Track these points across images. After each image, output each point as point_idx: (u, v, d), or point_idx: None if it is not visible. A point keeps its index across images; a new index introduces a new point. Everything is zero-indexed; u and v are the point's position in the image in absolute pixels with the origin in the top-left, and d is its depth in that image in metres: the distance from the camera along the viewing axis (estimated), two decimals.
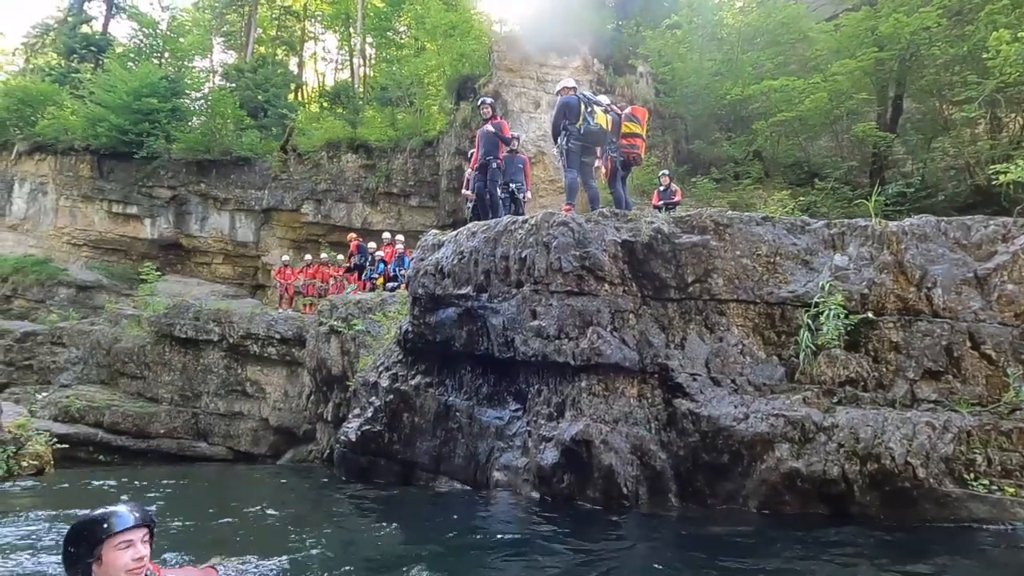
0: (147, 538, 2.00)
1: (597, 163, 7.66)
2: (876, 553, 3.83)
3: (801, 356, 5.36)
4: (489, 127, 8.40)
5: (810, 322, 5.39)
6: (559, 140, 7.18)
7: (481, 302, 6.66)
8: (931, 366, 5.13)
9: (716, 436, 5.10)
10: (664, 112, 16.20)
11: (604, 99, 7.70)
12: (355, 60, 28.31)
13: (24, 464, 8.62)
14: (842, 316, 5.23)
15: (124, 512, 1.98)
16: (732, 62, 15.37)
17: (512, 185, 8.57)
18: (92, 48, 24.31)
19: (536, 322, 5.95)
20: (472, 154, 10.03)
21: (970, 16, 11.50)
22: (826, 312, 5.28)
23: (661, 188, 10.65)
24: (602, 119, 7.13)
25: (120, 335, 15.39)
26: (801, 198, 11.85)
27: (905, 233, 5.61)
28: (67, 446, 11.16)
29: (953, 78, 11.63)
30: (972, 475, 4.50)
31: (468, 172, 9.96)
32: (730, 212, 6.33)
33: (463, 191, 9.76)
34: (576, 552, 4.02)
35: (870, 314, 5.27)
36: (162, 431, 14.12)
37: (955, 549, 3.91)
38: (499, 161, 8.33)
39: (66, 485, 8.20)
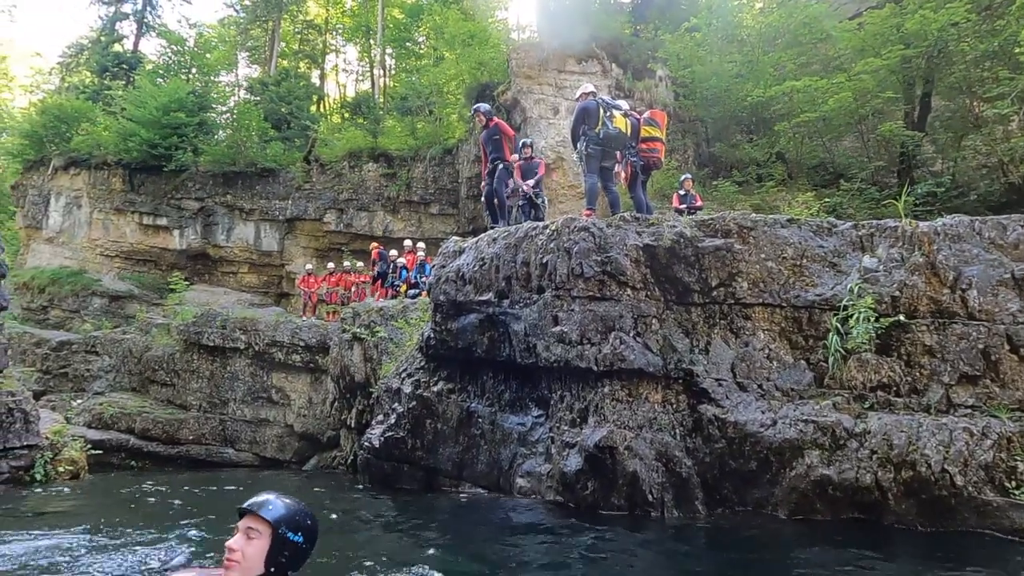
0: None
1: (617, 168, 7.62)
2: (912, 562, 3.72)
3: (830, 360, 5.24)
4: (489, 131, 8.22)
5: (839, 326, 5.27)
6: (578, 145, 7.16)
7: (502, 308, 6.67)
8: (967, 370, 4.97)
9: (743, 442, 5.02)
10: (684, 115, 16.09)
11: (623, 103, 7.67)
12: (375, 71, 28.77)
13: (60, 469, 8.85)
14: (872, 319, 5.11)
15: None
16: (753, 64, 15.20)
17: (529, 190, 8.57)
18: (123, 66, 25.12)
19: (558, 328, 5.94)
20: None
21: (1000, 10, 11.20)
22: (855, 315, 5.17)
23: (682, 192, 10.55)
24: (621, 123, 7.11)
25: (151, 343, 15.78)
26: (826, 200, 11.62)
27: (937, 233, 5.46)
28: (101, 452, 11.45)
29: (984, 74, 11.31)
30: (1014, 483, 4.34)
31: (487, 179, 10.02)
32: (754, 215, 6.24)
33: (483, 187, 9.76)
34: (603, 559, 3.98)
35: (902, 317, 5.14)
36: (191, 437, 14.41)
37: (994, 559, 3.77)
38: (507, 162, 8.16)
39: (100, 490, 8.41)
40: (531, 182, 8.56)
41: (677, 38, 16.18)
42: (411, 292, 12.70)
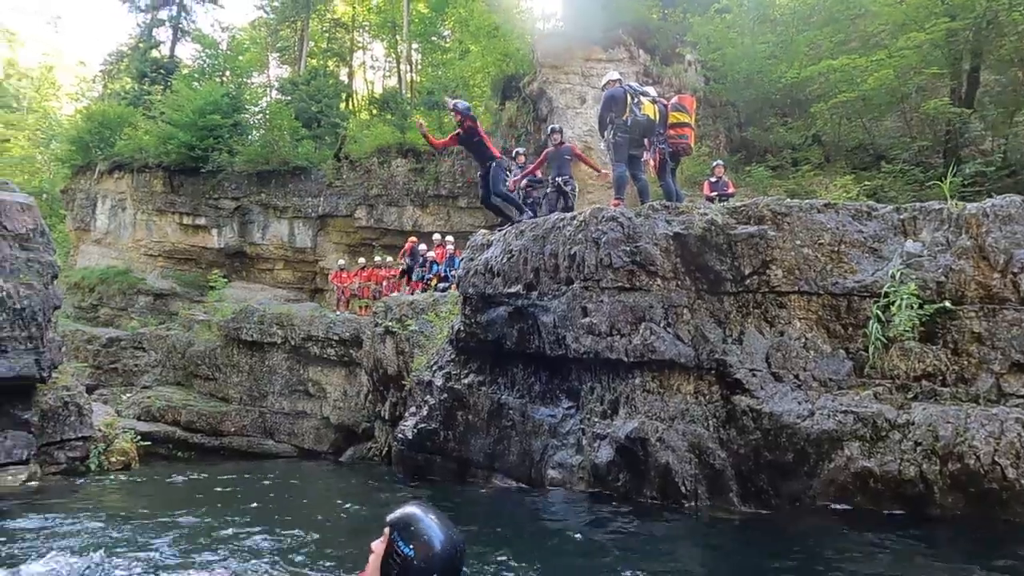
0: None
1: (645, 156, 7.50)
2: (958, 556, 3.58)
3: (871, 349, 5.07)
4: (467, 132, 7.51)
5: (880, 313, 5.09)
6: (606, 134, 7.07)
7: (531, 300, 6.67)
8: (1020, 358, 4.73)
9: (779, 434, 4.90)
10: (715, 100, 15.69)
11: (651, 90, 7.53)
12: (402, 66, 28.95)
13: (113, 460, 9.31)
14: (916, 306, 4.91)
15: None
16: (786, 44, 14.69)
17: (558, 179, 8.45)
18: (161, 71, 25.95)
19: (587, 319, 5.91)
20: (517, 154, 10.10)
21: None
22: (898, 302, 4.97)
23: (713, 179, 10.32)
24: (650, 109, 6.98)
25: (193, 339, 16.38)
26: (866, 183, 11.19)
27: (986, 215, 5.20)
28: (149, 443, 11.97)
29: None
30: None
31: (514, 170, 10.01)
32: (788, 200, 6.06)
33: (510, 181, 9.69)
34: (638, 550, 3.97)
35: (948, 303, 4.92)
36: (233, 429, 14.93)
37: None
38: (498, 159, 7.67)
39: (151, 480, 8.81)
40: (565, 177, 8.45)
41: (706, 20, 15.76)
42: (441, 285, 12.81)
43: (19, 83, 35.20)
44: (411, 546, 1.68)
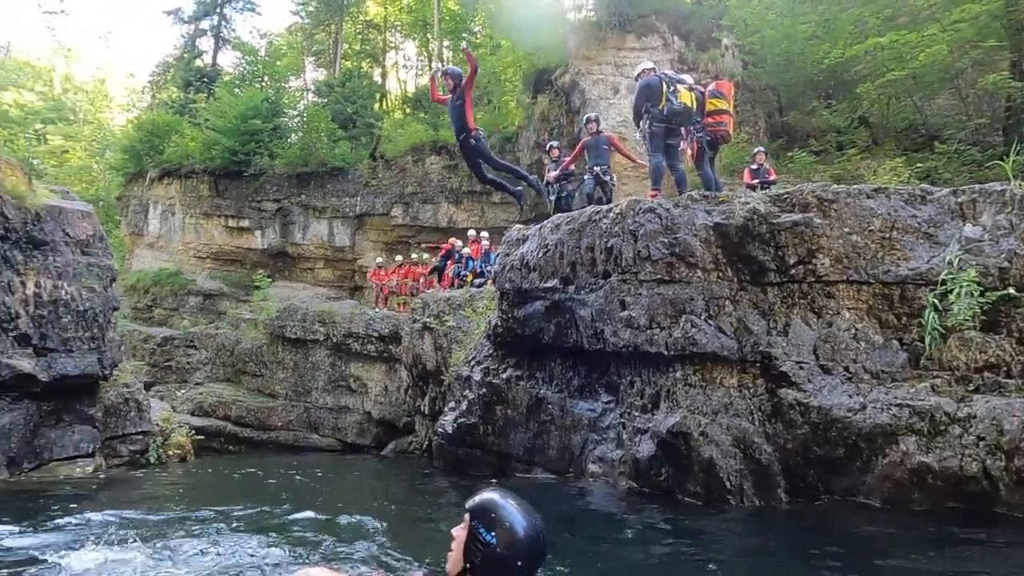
0: None
1: (682, 145, 7.35)
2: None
3: (927, 340, 4.85)
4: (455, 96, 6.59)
5: (937, 302, 4.85)
6: (641, 124, 6.95)
7: (568, 294, 6.65)
8: None
9: (829, 428, 4.75)
10: (753, 85, 15.20)
11: (687, 77, 7.36)
12: (434, 64, 29.14)
13: (170, 453, 9.78)
14: (976, 294, 4.66)
15: None
16: (829, 23, 14.09)
17: (597, 168, 8.34)
18: (204, 79, 26.90)
19: (626, 312, 5.85)
20: (550, 147, 10.02)
21: None
22: (956, 290, 4.73)
23: (754, 166, 10.02)
24: (686, 97, 6.82)
25: (240, 337, 17.01)
26: (918, 165, 10.65)
27: None
28: (203, 437, 12.51)
29: None
30: None
31: (547, 164, 9.97)
32: (835, 186, 5.84)
33: (547, 175, 9.62)
34: (681, 544, 3.92)
35: (1012, 290, 4.65)
36: (279, 424, 15.46)
37: None
38: (477, 130, 6.69)
39: (209, 471, 9.22)
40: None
41: (743, 3, 15.26)
42: (477, 281, 12.89)
43: (75, 97, 37.12)
44: (493, 533, 1.64)
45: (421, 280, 15.93)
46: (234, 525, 4.22)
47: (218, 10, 28.58)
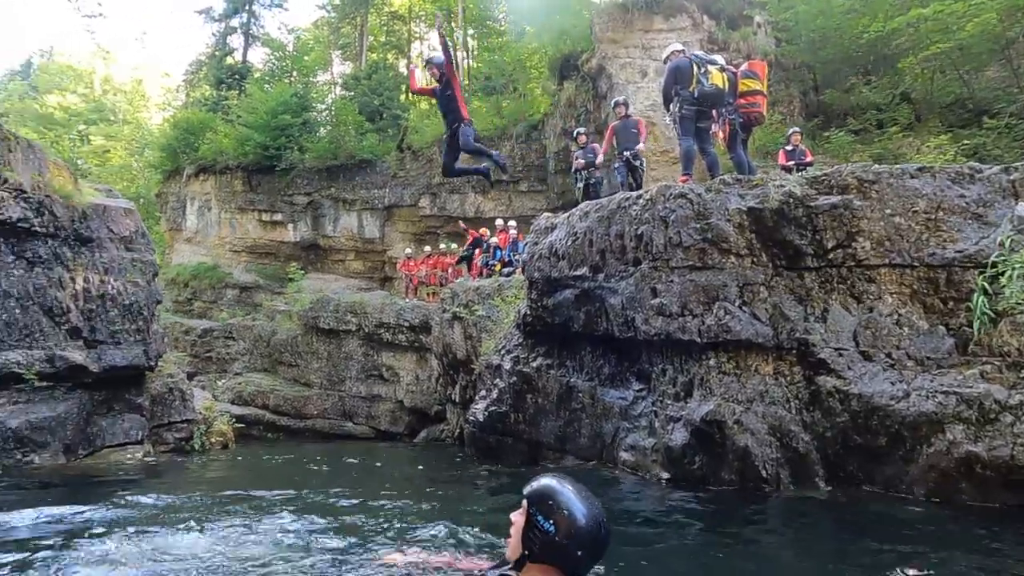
0: None
1: (714, 128, 7.18)
2: None
3: (975, 325, 4.65)
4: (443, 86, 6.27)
5: (986, 285, 4.64)
6: (671, 107, 6.81)
7: (598, 282, 6.60)
8: None
9: (870, 416, 4.62)
10: (787, 63, 14.70)
11: (719, 58, 7.17)
12: (458, 54, 29.06)
13: (213, 440, 10.16)
14: None
15: None
16: None
17: (626, 153, 8.21)
18: (236, 76, 27.46)
19: (657, 300, 5.78)
20: (578, 134, 9.90)
21: None
22: (1008, 272, 4.52)
23: (789, 148, 9.71)
24: (718, 79, 6.65)
25: (276, 329, 17.48)
26: (965, 142, 10.16)
27: None
28: (243, 425, 12.96)
29: None
30: None
31: (575, 151, 9.87)
32: (876, 166, 5.62)
33: (576, 162, 9.51)
34: (718, 533, 3.89)
35: None
36: (315, 412, 15.88)
37: None
38: (466, 120, 6.25)
39: (250, 458, 9.54)
40: (639, 147, 8.16)
41: None
42: (505, 271, 12.92)
43: (115, 98, 38.38)
44: (551, 521, 1.58)
45: (450, 270, 16.05)
46: (284, 509, 4.35)
47: (247, 7, 29.04)
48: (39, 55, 43.36)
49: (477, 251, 14.65)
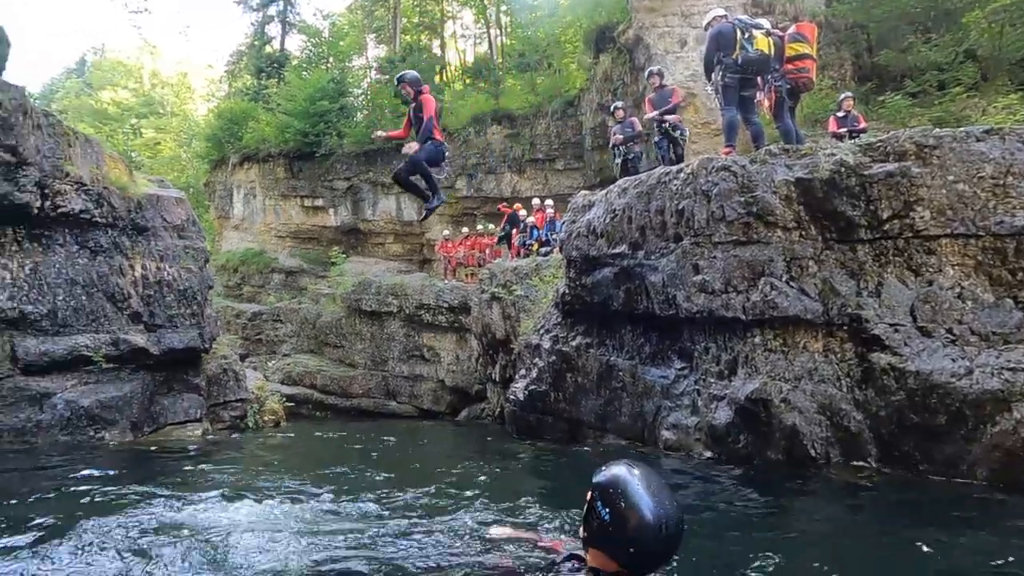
0: None
1: (759, 96, 6.86)
2: None
3: None
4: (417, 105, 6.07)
5: None
6: (713, 76, 6.54)
7: (637, 260, 6.49)
8: None
9: (928, 394, 4.41)
10: (839, 24, 13.87)
11: (764, 21, 6.82)
12: (491, 31, 28.69)
13: (266, 418, 10.62)
14: None
15: None
16: None
17: (664, 124, 7.93)
18: (274, 65, 27.98)
19: (699, 277, 5.64)
20: (615, 108, 9.63)
21: None
22: None
23: (840, 114, 9.21)
24: (764, 44, 6.32)
25: (321, 311, 18.01)
26: None
27: None
28: (292, 404, 13.49)
29: None
30: None
31: (612, 126, 9.65)
32: (937, 130, 5.27)
33: (613, 137, 9.28)
34: (767, 513, 3.82)
35: None
36: (360, 392, 16.37)
37: None
38: (438, 140, 6.03)
39: (301, 435, 9.96)
40: (654, 113, 7.93)
41: None
42: (543, 250, 12.86)
43: (162, 91, 39.80)
44: (607, 510, 1.50)
45: (488, 251, 16.10)
46: (347, 484, 4.53)
47: None
48: (92, 53, 45.31)
49: (515, 229, 14.62)
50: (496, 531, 2.56)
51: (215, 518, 3.33)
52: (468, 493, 4.30)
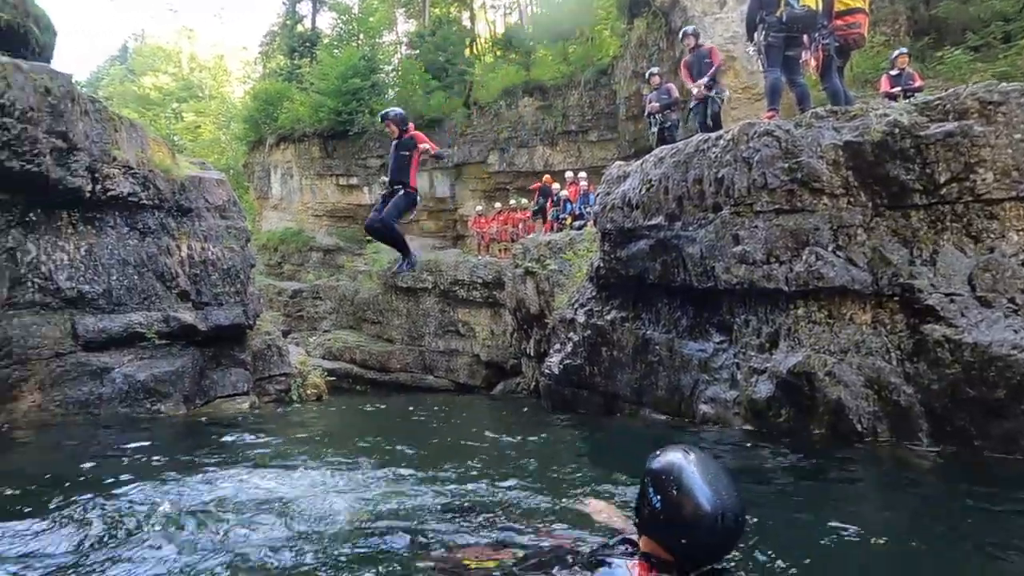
0: None
1: (805, 55, 6.50)
2: None
3: None
4: (401, 143, 5.94)
5: None
6: (755, 35, 6.22)
7: (674, 231, 6.34)
8: None
9: (986, 367, 4.20)
10: None
11: None
12: (522, 0, 28.05)
13: (308, 392, 10.99)
14: None
15: None
16: None
17: (701, 87, 7.44)
18: (306, 44, 28.11)
19: (739, 247, 5.47)
20: (650, 75, 9.27)
21: None
22: None
23: (894, 72, 8.64)
24: None
25: (359, 288, 18.39)
26: None
27: None
28: (333, 378, 13.90)
29: None
30: None
31: (647, 94, 9.32)
32: (1003, 85, 4.89)
33: (649, 105, 8.93)
34: (812, 488, 3.74)
35: None
36: (398, 366, 16.73)
37: None
38: (411, 189, 5.87)
39: (343, 408, 10.29)
40: (704, 80, 7.56)
41: None
42: (577, 224, 12.71)
43: (200, 75, 40.63)
44: (659, 497, 1.42)
45: (520, 225, 16.03)
46: (394, 455, 4.65)
47: None
48: (133, 39, 46.51)
49: (548, 203, 14.48)
50: (594, 504, 2.47)
51: (264, 485, 3.47)
52: (510, 466, 4.35)
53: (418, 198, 6.00)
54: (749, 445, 4.90)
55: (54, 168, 6.63)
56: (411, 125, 5.96)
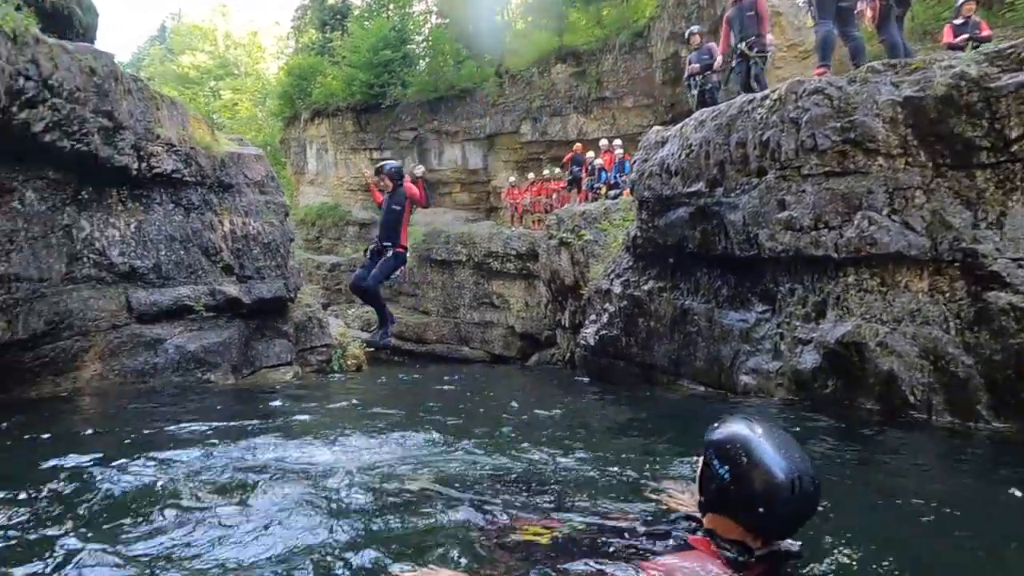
0: None
1: (860, 6, 6.06)
2: None
3: None
4: (394, 197, 5.88)
5: None
6: None
7: (715, 198, 6.12)
8: None
9: None
10: None
11: None
12: None
13: (348, 362, 11.29)
14: None
15: None
16: None
17: (742, 45, 6.84)
18: (337, 16, 28.01)
19: (785, 213, 5.25)
20: (690, 34, 8.82)
21: None
22: None
23: (958, 21, 7.98)
24: None
25: None
26: None
27: None
28: (372, 350, 14.21)
29: None
30: None
31: (687, 55, 8.91)
32: None
33: (689, 67, 8.47)
34: (865, 462, 3.61)
35: None
36: (434, 338, 16.99)
37: None
38: (401, 248, 5.94)
39: (382, 378, 10.55)
40: (768, 37, 6.91)
41: None
42: (612, 193, 12.45)
43: (236, 52, 41.11)
44: (727, 468, 1.37)
45: (554, 196, 15.82)
46: (440, 423, 4.72)
47: None
48: (171, 18, 47.28)
49: (583, 172, 14.22)
50: (668, 483, 2.44)
51: (310, 452, 3.58)
52: (555, 436, 4.34)
53: (407, 256, 6.10)
54: (793, 417, 4.77)
55: (102, 147, 6.84)
56: (406, 178, 5.92)
